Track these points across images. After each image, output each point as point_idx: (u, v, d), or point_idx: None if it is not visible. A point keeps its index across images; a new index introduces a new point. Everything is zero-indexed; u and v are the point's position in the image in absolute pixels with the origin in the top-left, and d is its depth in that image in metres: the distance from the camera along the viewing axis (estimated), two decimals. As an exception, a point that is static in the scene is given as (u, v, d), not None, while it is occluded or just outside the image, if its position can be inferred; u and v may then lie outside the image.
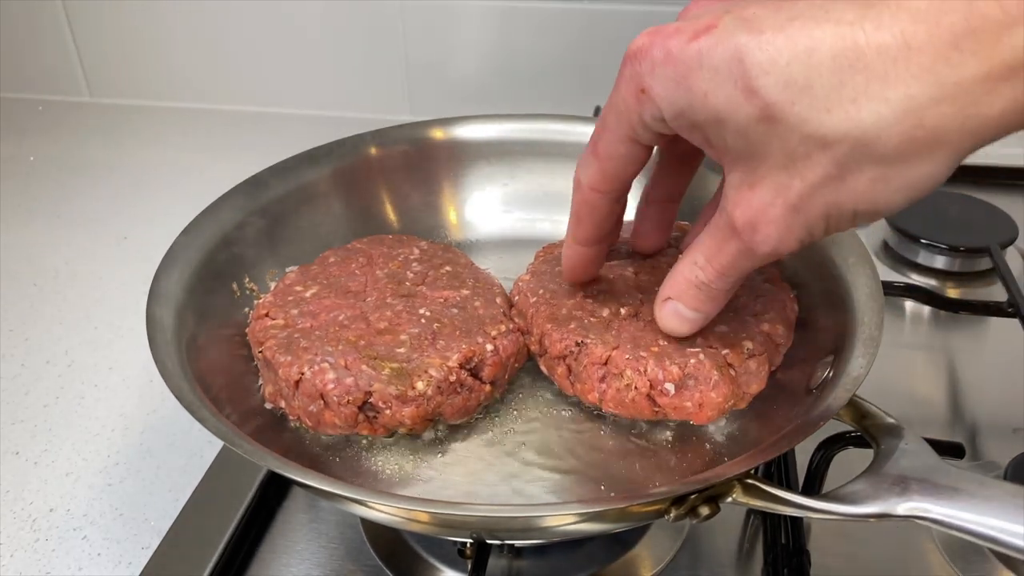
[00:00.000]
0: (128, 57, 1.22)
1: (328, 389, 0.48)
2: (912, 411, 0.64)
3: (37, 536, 0.57)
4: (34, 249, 0.90)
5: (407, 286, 0.58)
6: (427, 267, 0.60)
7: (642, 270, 0.58)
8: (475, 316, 0.55)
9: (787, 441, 0.40)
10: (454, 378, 0.50)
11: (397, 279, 0.58)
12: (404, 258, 0.61)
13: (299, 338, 0.52)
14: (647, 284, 0.56)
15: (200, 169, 1.06)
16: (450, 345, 0.52)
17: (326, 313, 0.54)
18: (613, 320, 0.53)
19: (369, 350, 0.51)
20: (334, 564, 0.53)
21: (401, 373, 0.49)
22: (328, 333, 0.52)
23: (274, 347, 0.51)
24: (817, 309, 0.54)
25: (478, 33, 1.09)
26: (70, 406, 0.69)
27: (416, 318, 0.54)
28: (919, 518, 0.37)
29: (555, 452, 0.50)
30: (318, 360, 0.49)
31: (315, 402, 0.48)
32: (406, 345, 0.52)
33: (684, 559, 0.52)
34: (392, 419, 0.48)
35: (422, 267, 0.60)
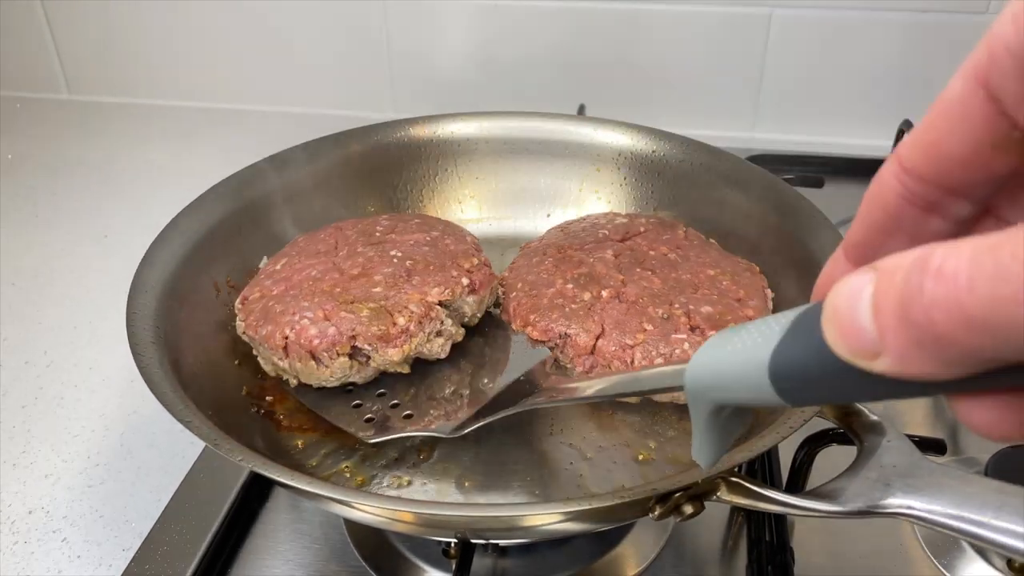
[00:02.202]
0: (107, 54, 1.21)
1: (315, 345, 0.48)
2: (894, 407, 0.64)
3: (16, 538, 0.56)
4: (12, 248, 0.89)
5: (377, 236, 0.58)
6: (396, 221, 0.60)
7: (621, 252, 0.58)
8: (447, 251, 0.56)
9: (771, 438, 0.40)
10: (434, 315, 0.51)
11: (367, 233, 0.58)
12: (373, 219, 0.61)
13: (273, 304, 0.52)
14: (627, 265, 0.56)
15: (181, 167, 1.05)
16: (425, 280, 0.52)
17: (298, 274, 0.54)
18: (595, 303, 0.53)
19: (345, 295, 0.51)
20: (318, 565, 0.52)
21: (380, 312, 0.50)
22: (302, 291, 0.52)
23: (251, 321, 0.51)
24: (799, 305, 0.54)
25: (461, 31, 1.08)
26: (49, 407, 0.68)
27: (388, 260, 0.54)
28: (902, 514, 0.37)
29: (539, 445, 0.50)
30: (296, 319, 0.49)
31: (306, 363, 0.49)
32: (381, 285, 0.52)
33: (669, 557, 0.52)
34: (381, 359, 0.49)
35: (391, 222, 0.60)
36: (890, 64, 1.00)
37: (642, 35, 1.03)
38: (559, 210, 0.71)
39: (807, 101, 1.05)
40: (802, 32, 1.00)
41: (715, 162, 0.66)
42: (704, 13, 1.00)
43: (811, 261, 0.54)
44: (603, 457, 0.50)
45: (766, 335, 0.25)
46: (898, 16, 0.97)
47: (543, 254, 0.60)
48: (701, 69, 1.05)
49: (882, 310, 0.20)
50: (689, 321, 0.52)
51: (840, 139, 1.04)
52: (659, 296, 0.54)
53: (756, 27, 1.00)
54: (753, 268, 0.58)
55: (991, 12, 0.95)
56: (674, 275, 0.56)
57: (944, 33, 0.97)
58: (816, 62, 1.02)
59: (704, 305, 0.53)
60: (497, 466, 0.50)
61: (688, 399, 0.30)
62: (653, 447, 0.50)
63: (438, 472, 0.49)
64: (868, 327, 0.20)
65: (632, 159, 0.69)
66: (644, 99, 1.08)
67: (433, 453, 0.50)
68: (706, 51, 1.03)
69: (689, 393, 0.30)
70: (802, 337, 0.24)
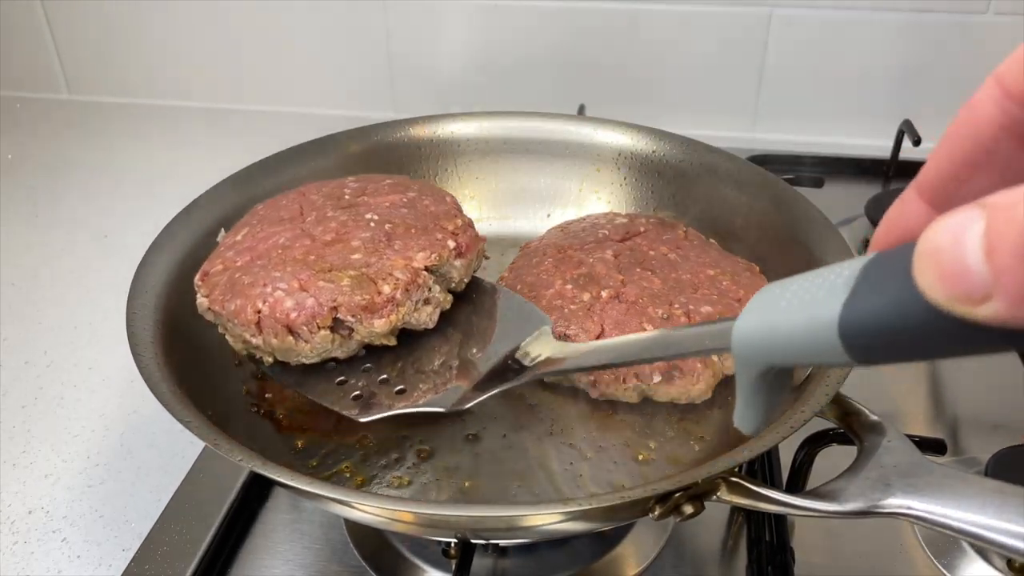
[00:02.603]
0: (107, 54, 1.21)
1: (292, 319, 0.44)
2: (894, 408, 0.64)
3: (16, 539, 0.56)
4: (12, 248, 0.89)
5: (347, 199, 0.52)
6: (365, 182, 0.55)
7: (621, 252, 0.58)
8: (427, 213, 0.51)
9: (771, 438, 0.40)
10: (421, 281, 0.46)
11: (335, 197, 0.53)
12: (339, 181, 0.56)
13: (240, 276, 0.47)
14: (627, 265, 0.57)
15: (181, 167, 1.05)
16: (409, 244, 0.48)
17: (263, 243, 0.49)
18: (594, 304, 0.53)
19: (320, 263, 0.46)
20: (318, 565, 0.52)
21: (362, 279, 0.45)
22: (271, 260, 0.47)
23: (216, 296, 0.47)
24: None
25: (462, 31, 1.08)
26: (49, 407, 0.68)
27: (364, 224, 0.49)
28: (902, 515, 0.37)
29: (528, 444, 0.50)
30: (268, 291, 0.45)
31: (283, 339, 0.45)
32: (360, 251, 0.47)
33: (669, 557, 0.52)
34: (366, 331, 0.45)
35: (360, 183, 0.55)
36: (890, 64, 1.00)
37: (642, 35, 1.03)
38: (559, 210, 0.71)
39: (807, 101, 1.05)
40: (802, 32, 1.00)
41: (715, 162, 0.66)
42: (704, 13, 1.00)
43: (811, 261, 0.54)
44: (603, 457, 0.50)
45: (829, 289, 0.23)
46: (898, 16, 0.97)
47: (543, 254, 0.60)
48: (701, 69, 1.05)
49: (997, 248, 0.18)
50: (689, 321, 0.52)
51: (840, 139, 1.04)
52: (659, 296, 0.54)
53: (756, 27, 1.00)
54: (753, 268, 0.58)
55: (991, 12, 0.95)
56: (674, 275, 0.56)
57: (944, 33, 0.97)
58: (816, 62, 1.02)
59: (704, 305, 0.53)
60: (497, 466, 0.50)
61: (736, 361, 0.29)
62: (653, 447, 0.50)
63: (438, 472, 0.49)
64: (977, 268, 0.18)
65: (632, 159, 0.69)
66: (644, 99, 1.08)
67: (433, 453, 0.50)
68: (706, 51, 1.03)
69: (738, 355, 0.28)
70: (878, 287, 0.22)
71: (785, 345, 0.26)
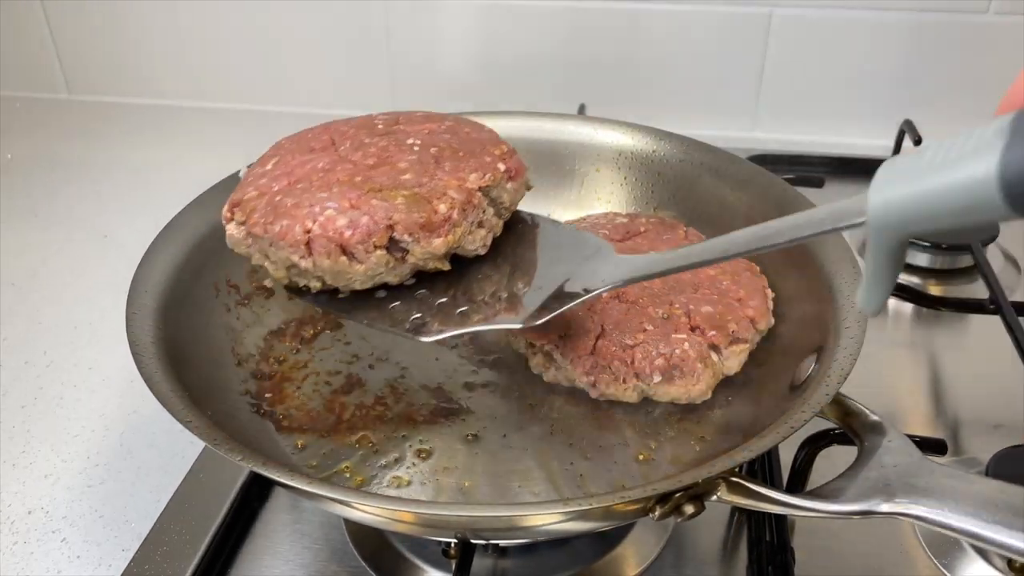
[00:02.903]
0: (107, 54, 1.21)
1: (347, 238, 0.42)
2: (895, 408, 0.64)
3: (15, 539, 0.56)
4: (11, 248, 0.89)
5: (379, 129, 0.50)
6: (396, 115, 0.53)
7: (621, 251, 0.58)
8: (471, 139, 0.49)
9: (771, 439, 0.40)
10: (476, 202, 0.44)
11: (367, 127, 0.51)
12: (366, 117, 0.54)
13: (282, 199, 0.45)
14: None
15: (180, 167, 1.05)
16: (459, 166, 0.46)
17: (299, 168, 0.47)
18: (595, 304, 0.53)
19: (369, 183, 0.44)
20: (317, 565, 0.52)
21: (417, 198, 0.43)
22: (313, 183, 0.45)
23: (258, 218, 0.44)
24: (800, 306, 0.54)
25: (462, 30, 1.08)
26: (49, 407, 0.68)
27: (407, 148, 0.47)
28: (902, 515, 0.37)
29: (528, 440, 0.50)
30: (317, 211, 0.42)
31: (335, 259, 0.42)
32: (410, 172, 0.45)
33: (669, 557, 0.52)
34: (422, 252, 0.43)
35: (390, 116, 0.53)
36: (890, 64, 1.00)
37: (642, 35, 1.03)
38: (559, 210, 0.71)
39: (807, 101, 1.05)
40: (802, 32, 1.00)
41: (715, 162, 0.66)
42: (704, 13, 1.00)
43: (811, 261, 0.54)
44: (603, 457, 0.50)
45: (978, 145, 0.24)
46: (898, 16, 0.97)
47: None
48: (701, 69, 1.05)
49: None
50: (689, 321, 0.52)
51: (840, 139, 1.04)
52: (659, 296, 0.54)
53: (756, 27, 1.00)
54: (753, 268, 0.58)
55: (991, 12, 0.95)
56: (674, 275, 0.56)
57: (944, 33, 0.97)
58: (816, 62, 1.02)
59: (704, 305, 0.53)
60: (497, 466, 0.49)
61: (872, 236, 0.30)
62: (653, 447, 0.50)
63: (438, 472, 0.49)
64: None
65: (632, 159, 0.69)
66: (644, 99, 1.08)
67: (433, 453, 0.50)
68: (706, 51, 1.03)
69: (877, 227, 0.29)
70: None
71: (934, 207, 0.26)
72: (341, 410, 0.54)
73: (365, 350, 0.59)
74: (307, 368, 0.57)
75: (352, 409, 0.54)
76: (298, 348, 0.59)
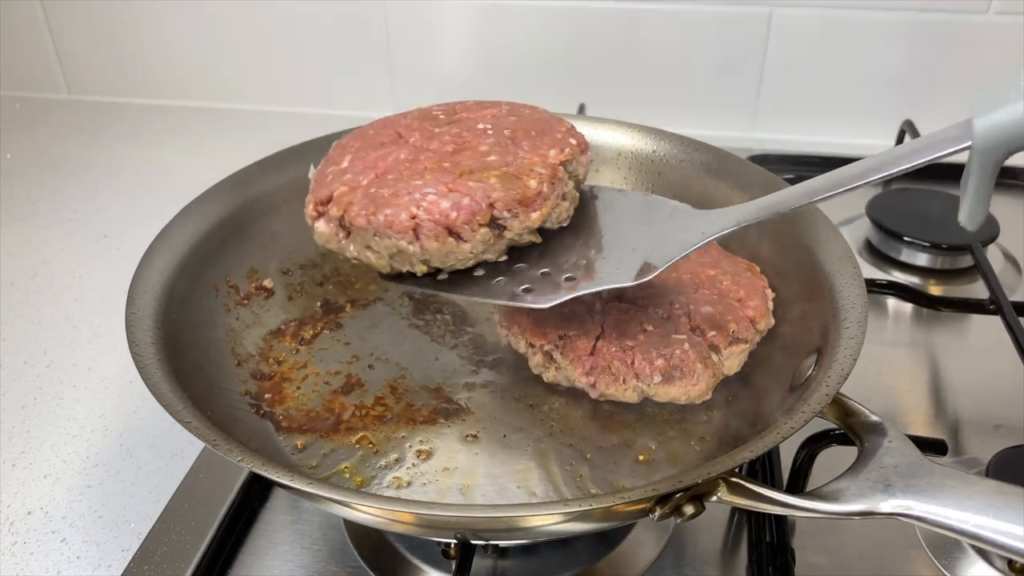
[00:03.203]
0: (107, 54, 1.21)
1: (453, 219, 0.44)
2: (895, 408, 0.64)
3: (15, 539, 0.56)
4: (11, 248, 0.89)
5: (441, 119, 0.53)
6: (451, 105, 0.55)
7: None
8: (535, 118, 0.52)
9: (772, 439, 0.40)
10: (560, 175, 0.47)
11: (429, 118, 0.53)
12: (422, 111, 0.55)
13: (378, 190, 0.46)
14: None
15: (181, 167, 1.05)
16: (537, 144, 0.48)
17: (380, 161, 0.49)
18: (595, 304, 0.53)
19: (458, 168, 0.46)
20: (317, 566, 0.52)
21: (508, 177, 0.45)
22: (402, 173, 0.47)
23: (358, 211, 0.46)
24: (801, 307, 0.54)
25: (461, 31, 1.08)
26: (48, 407, 0.68)
27: (480, 132, 0.50)
28: (903, 515, 0.37)
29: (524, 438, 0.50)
30: (418, 197, 0.45)
31: (443, 241, 0.45)
32: (493, 153, 0.47)
33: (669, 557, 0.52)
34: (520, 227, 0.45)
35: (447, 106, 0.55)
36: (890, 64, 1.00)
37: (642, 35, 1.03)
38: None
39: (807, 101, 1.05)
40: (802, 32, 1.00)
41: (715, 162, 0.66)
42: (704, 13, 1.00)
43: (811, 261, 0.54)
44: (603, 457, 0.50)
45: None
46: (898, 16, 0.97)
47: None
48: (701, 69, 1.05)
49: None
50: (689, 321, 0.52)
51: (840, 139, 1.04)
52: (659, 296, 0.54)
53: (756, 27, 1.00)
54: (753, 268, 0.58)
55: (991, 12, 0.95)
56: (674, 275, 0.56)
57: (945, 33, 0.97)
58: (816, 62, 1.02)
59: (704, 305, 0.53)
60: (496, 466, 0.49)
61: (977, 157, 0.36)
62: (653, 448, 0.50)
63: (437, 473, 0.49)
64: None
65: (632, 159, 0.69)
66: (644, 99, 1.08)
67: (432, 454, 0.50)
68: (706, 51, 1.03)
69: (984, 148, 0.36)
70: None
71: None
72: (341, 410, 0.54)
73: (365, 350, 0.59)
74: (307, 368, 0.57)
75: (352, 409, 0.54)
76: (298, 348, 0.59)
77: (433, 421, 0.53)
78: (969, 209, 0.39)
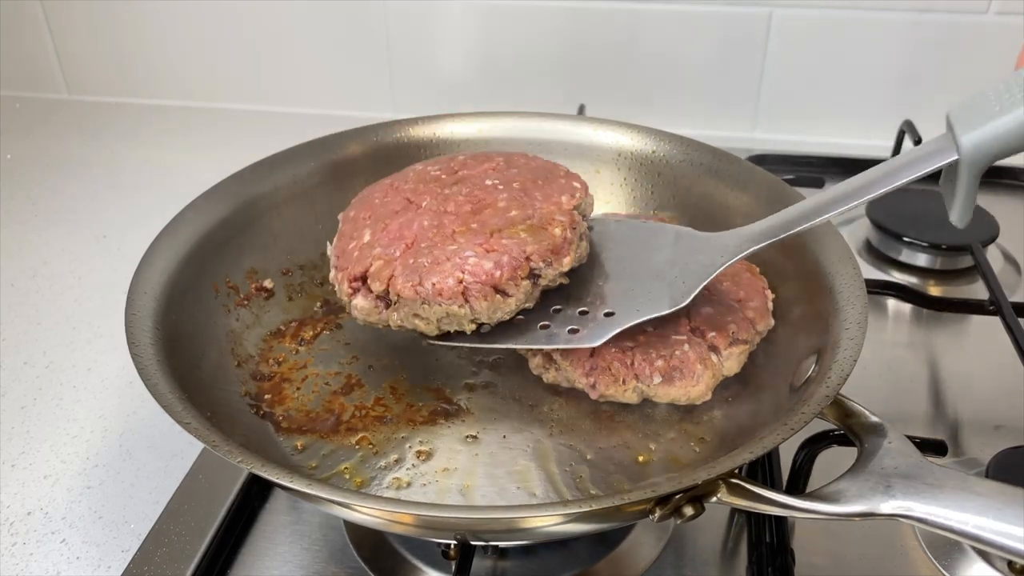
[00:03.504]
0: (107, 54, 1.21)
1: (497, 278, 0.47)
2: (895, 408, 0.64)
3: (15, 540, 0.56)
4: (11, 249, 0.89)
5: (444, 179, 0.55)
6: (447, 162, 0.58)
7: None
8: (536, 168, 0.55)
9: (771, 440, 0.40)
10: (576, 218, 0.50)
11: (428, 180, 0.55)
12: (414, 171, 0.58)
13: (417, 260, 0.49)
14: None
15: (181, 167, 1.05)
16: (548, 192, 0.52)
17: (405, 230, 0.51)
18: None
19: (487, 227, 0.49)
20: (317, 566, 0.52)
21: (535, 229, 0.49)
22: (433, 240, 0.49)
23: (404, 283, 0.48)
24: (801, 307, 0.54)
25: (461, 31, 1.08)
26: (48, 407, 0.68)
27: (491, 188, 0.52)
28: (903, 516, 0.37)
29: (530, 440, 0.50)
30: (460, 262, 0.47)
31: (491, 299, 0.47)
32: (513, 208, 0.50)
33: (669, 558, 0.52)
34: (553, 274, 0.49)
35: (440, 164, 0.57)
36: (890, 64, 1.00)
37: (642, 35, 1.03)
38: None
39: (807, 101, 1.05)
40: (802, 32, 1.00)
41: (715, 162, 0.66)
42: (704, 13, 1.00)
43: (811, 261, 0.54)
44: (603, 458, 0.50)
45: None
46: (898, 16, 0.97)
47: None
48: (701, 69, 1.05)
49: None
50: (689, 322, 0.52)
51: (840, 139, 1.04)
52: (659, 297, 0.54)
53: (756, 27, 1.00)
54: (753, 268, 0.58)
55: (991, 12, 0.95)
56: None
57: (944, 33, 0.97)
58: (816, 62, 1.02)
59: (704, 306, 0.53)
60: (496, 467, 0.49)
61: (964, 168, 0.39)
62: (653, 449, 0.50)
63: (437, 473, 0.49)
64: None
65: (632, 159, 0.69)
66: (644, 99, 1.08)
67: (432, 455, 0.50)
68: (706, 51, 1.03)
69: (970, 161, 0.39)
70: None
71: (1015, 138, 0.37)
72: (341, 411, 0.54)
73: (365, 351, 0.58)
74: (307, 369, 0.57)
75: (352, 410, 0.54)
76: (297, 349, 0.59)
77: (433, 422, 0.53)
78: (959, 212, 0.42)
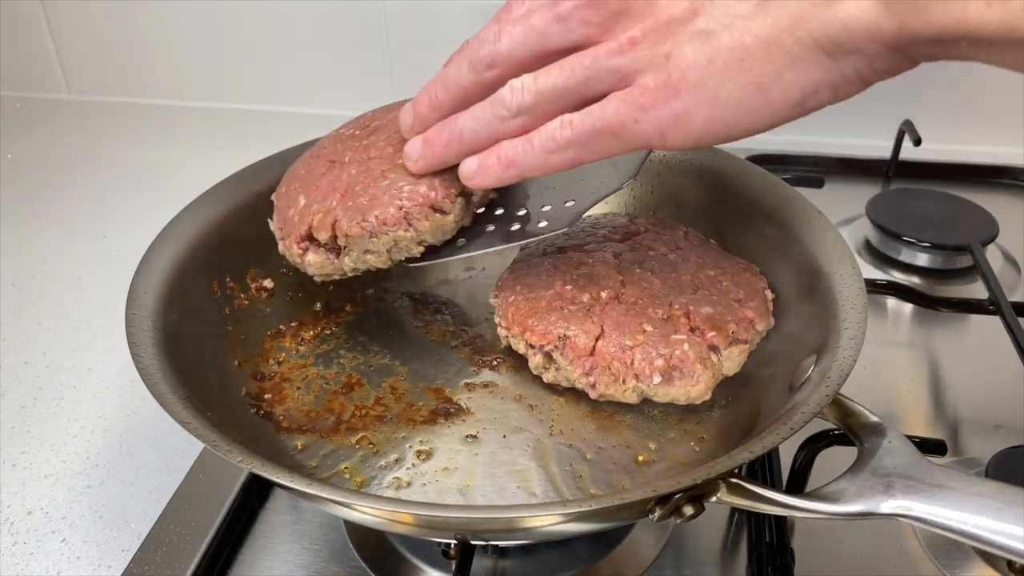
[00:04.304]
0: (107, 53, 1.21)
1: (433, 198, 0.49)
2: (895, 408, 0.64)
3: (15, 539, 0.56)
4: (11, 248, 0.89)
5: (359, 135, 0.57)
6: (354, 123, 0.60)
7: (621, 252, 0.58)
8: None
9: (771, 439, 0.40)
10: None
11: (345, 140, 0.57)
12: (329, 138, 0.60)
13: (354, 201, 0.51)
14: (627, 265, 0.57)
15: (181, 167, 1.05)
16: None
17: (337, 182, 0.53)
18: (594, 305, 0.53)
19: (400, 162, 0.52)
20: (317, 566, 0.52)
21: None
22: (364, 183, 0.51)
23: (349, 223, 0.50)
24: (800, 307, 0.54)
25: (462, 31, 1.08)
26: (48, 407, 0.68)
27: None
28: (903, 516, 0.37)
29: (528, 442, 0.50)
30: (395, 192, 0.50)
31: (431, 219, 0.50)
32: None
33: (669, 558, 0.52)
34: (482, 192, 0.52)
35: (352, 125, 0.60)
36: (890, 64, 1.00)
37: (642, 35, 1.03)
38: (559, 210, 0.71)
39: (807, 101, 1.04)
40: (802, 32, 1.00)
41: (715, 162, 0.66)
42: (704, 13, 1.00)
43: (811, 261, 0.54)
44: (603, 458, 0.50)
45: None
46: (898, 16, 0.97)
47: (543, 254, 0.60)
48: (701, 69, 1.04)
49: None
50: (689, 322, 0.52)
51: (840, 139, 1.04)
52: (659, 297, 0.54)
53: (756, 27, 1.00)
54: (753, 268, 0.58)
55: (992, 12, 0.95)
56: (674, 276, 0.56)
57: (944, 33, 0.97)
58: (816, 62, 1.01)
59: (704, 306, 0.53)
60: (496, 467, 0.50)
61: None
62: (653, 448, 0.50)
63: (437, 473, 0.49)
64: None
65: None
66: (644, 99, 1.07)
67: (432, 454, 0.50)
68: (706, 51, 1.03)
69: None
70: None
71: None
72: (341, 411, 0.54)
73: (365, 351, 0.59)
74: (307, 369, 0.57)
75: (352, 410, 0.54)
76: (297, 349, 0.59)
77: (433, 421, 0.53)
78: None
